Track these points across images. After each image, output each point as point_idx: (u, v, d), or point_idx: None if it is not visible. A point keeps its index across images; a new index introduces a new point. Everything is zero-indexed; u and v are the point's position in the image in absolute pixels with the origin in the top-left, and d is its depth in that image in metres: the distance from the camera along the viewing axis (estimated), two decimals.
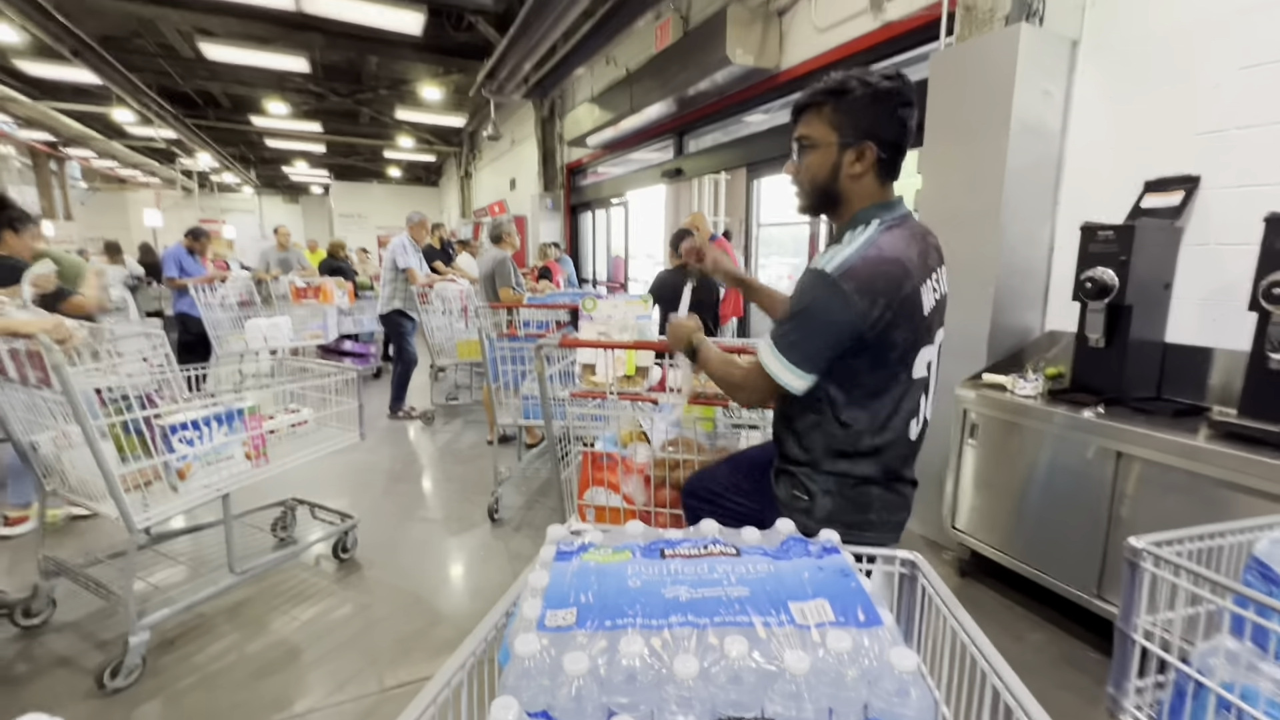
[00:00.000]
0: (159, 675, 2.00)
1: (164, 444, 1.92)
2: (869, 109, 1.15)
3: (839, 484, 1.27)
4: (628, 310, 1.98)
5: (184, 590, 2.29)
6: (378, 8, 5.43)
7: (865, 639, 0.65)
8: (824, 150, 1.19)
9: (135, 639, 1.94)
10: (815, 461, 1.27)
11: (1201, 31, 2.26)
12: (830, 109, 1.16)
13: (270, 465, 2.24)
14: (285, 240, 7.39)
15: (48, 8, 5.57)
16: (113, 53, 7.23)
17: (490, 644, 0.75)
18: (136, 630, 1.94)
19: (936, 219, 2.90)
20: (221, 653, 2.13)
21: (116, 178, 16.22)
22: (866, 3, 3.73)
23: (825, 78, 1.19)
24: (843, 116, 1.16)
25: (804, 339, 1.15)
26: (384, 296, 5.02)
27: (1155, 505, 1.96)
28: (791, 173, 1.25)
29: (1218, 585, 0.92)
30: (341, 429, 2.57)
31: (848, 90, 1.14)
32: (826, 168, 1.20)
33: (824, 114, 1.17)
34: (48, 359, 1.68)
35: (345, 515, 2.79)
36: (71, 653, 2.12)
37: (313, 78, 9.22)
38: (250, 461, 2.16)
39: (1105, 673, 1.10)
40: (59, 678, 2.00)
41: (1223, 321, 2.25)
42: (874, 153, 1.17)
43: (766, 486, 1.39)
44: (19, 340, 1.78)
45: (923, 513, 2.90)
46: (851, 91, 1.14)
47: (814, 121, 1.18)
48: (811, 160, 1.20)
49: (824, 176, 1.21)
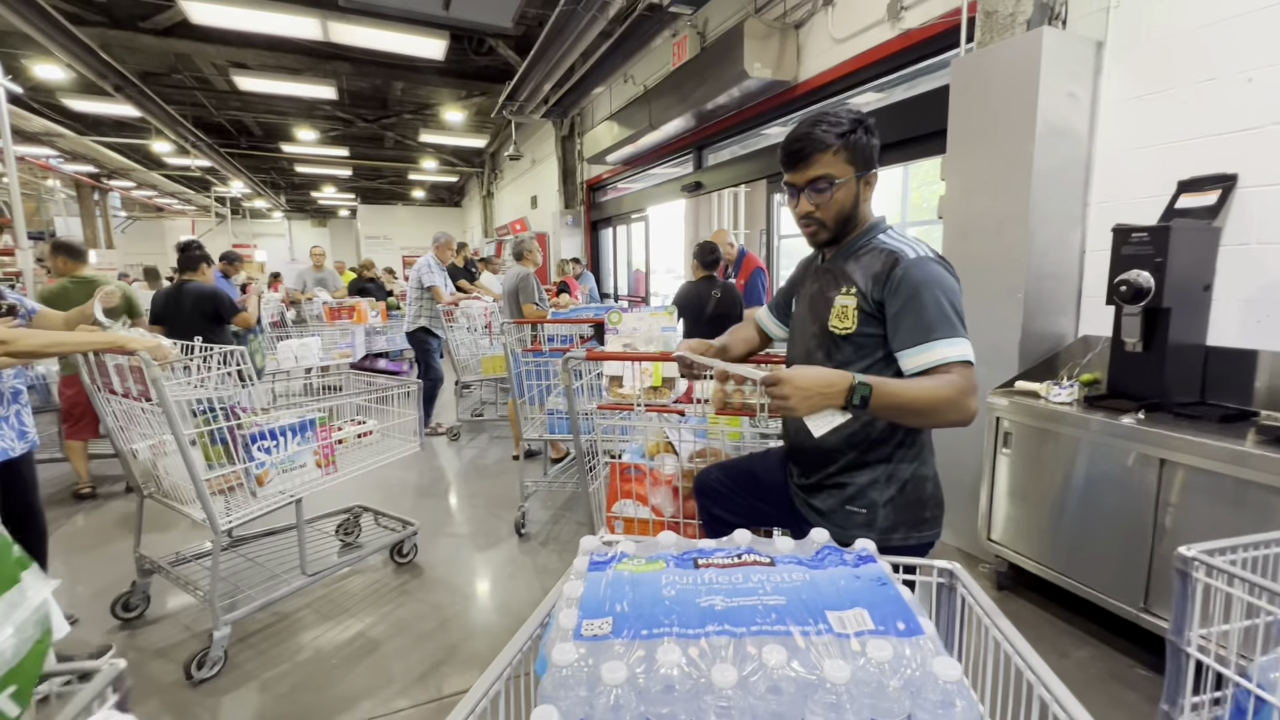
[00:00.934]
0: (239, 669, 2.16)
1: (245, 452, 2.10)
2: (868, 141, 1.26)
3: (902, 487, 1.29)
4: (653, 323, 1.99)
5: (261, 589, 2.40)
6: (402, 35, 5.59)
7: (906, 648, 0.63)
8: (847, 185, 1.27)
9: (219, 633, 2.10)
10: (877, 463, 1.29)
11: (1230, 27, 2.21)
12: (842, 147, 1.24)
13: (338, 473, 2.40)
14: (321, 261, 7.59)
15: (93, 46, 5.85)
16: (152, 87, 7.56)
17: (526, 655, 0.75)
18: (220, 625, 2.10)
19: (962, 224, 2.86)
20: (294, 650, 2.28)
21: (154, 206, 16.85)
22: (884, 12, 3.74)
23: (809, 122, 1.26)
24: (854, 152, 1.25)
25: (959, 312, 1.19)
26: (410, 315, 5.11)
27: (1202, 514, 1.88)
28: (809, 210, 1.29)
29: (1276, 595, 0.88)
30: (403, 440, 2.71)
31: (852, 129, 1.24)
32: (851, 199, 1.29)
33: (839, 153, 1.24)
34: (147, 373, 1.86)
35: (406, 522, 2.96)
36: (164, 644, 2.33)
37: (340, 104, 9.52)
38: (320, 469, 2.33)
39: (1156, 690, 1.06)
40: (154, 667, 2.18)
41: (1269, 323, 2.18)
42: (876, 177, 1.31)
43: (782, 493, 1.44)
44: (123, 356, 1.97)
45: (957, 524, 2.83)
46: (854, 129, 1.24)
47: (831, 162, 1.25)
48: (839, 195, 1.27)
49: (849, 207, 1.29)
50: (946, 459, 2.89)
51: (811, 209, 1.28)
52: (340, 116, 10.40)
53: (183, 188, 14.63)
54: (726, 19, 5.27)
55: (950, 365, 1.14)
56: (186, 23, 5.60)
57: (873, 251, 1.29)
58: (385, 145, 12.71)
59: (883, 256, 1.25)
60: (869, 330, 1.25)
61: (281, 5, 5.11)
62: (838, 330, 1.29)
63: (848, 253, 1.33)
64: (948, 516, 1.35)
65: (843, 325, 1.28)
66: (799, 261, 1.58)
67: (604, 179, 9.04)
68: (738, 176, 5.86)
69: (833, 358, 1.31)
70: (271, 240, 20.14)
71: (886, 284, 1.22)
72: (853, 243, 1.33)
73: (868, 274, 1.26)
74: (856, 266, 1.29)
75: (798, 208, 1.31)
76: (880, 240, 1.30)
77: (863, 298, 1.25)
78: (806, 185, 1.27)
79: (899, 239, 1.28)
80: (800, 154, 1.25)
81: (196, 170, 12.73)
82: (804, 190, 1.28)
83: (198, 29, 5.89)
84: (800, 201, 1.29)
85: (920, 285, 1.18)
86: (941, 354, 1.14)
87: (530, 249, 4.62)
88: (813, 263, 1.48)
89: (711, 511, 1.58)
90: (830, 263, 1.37)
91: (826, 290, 1.35)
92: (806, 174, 1.26)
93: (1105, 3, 2.57)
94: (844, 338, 1.28)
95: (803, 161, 1.26)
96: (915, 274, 1.19)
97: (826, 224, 1.30)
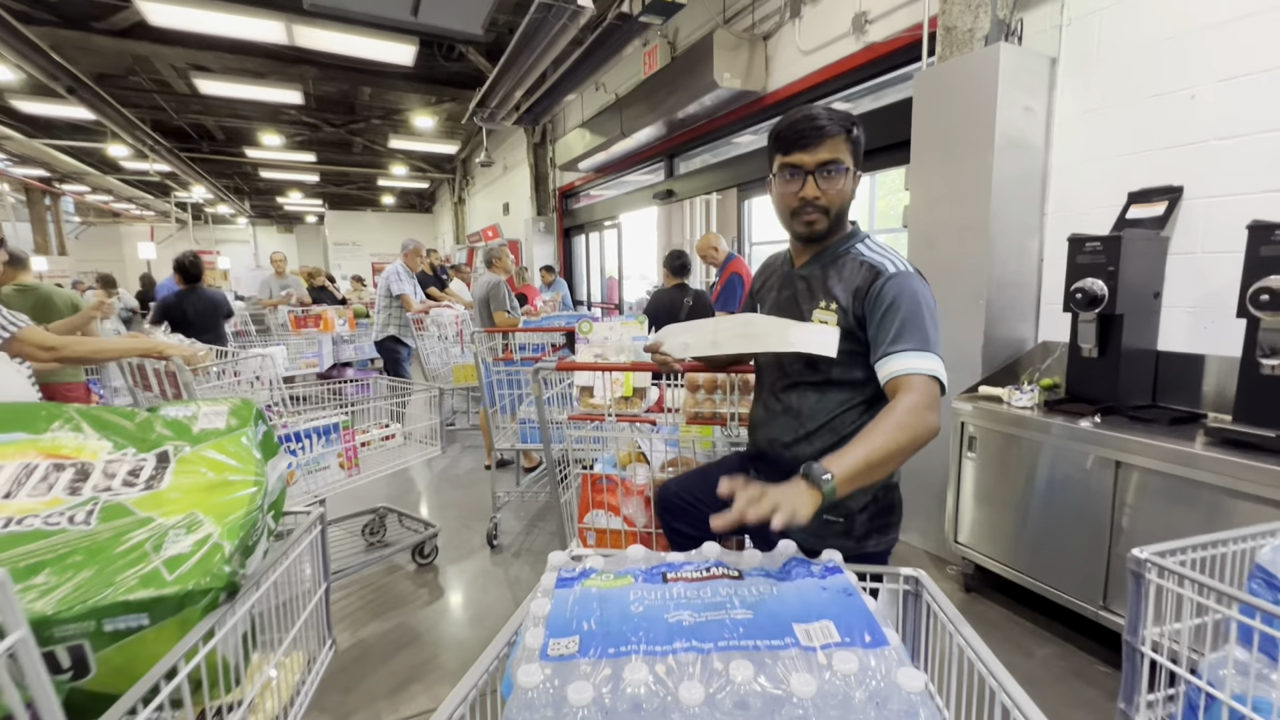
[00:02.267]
0: None
1: None
2: (861, 139, 1.24)
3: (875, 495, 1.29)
4: (624, 332, 1.99)
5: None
6: (370, 40, 5.50)
7: (872, 659, 0.64)
8: (849, 175, 1.24)
9: None
10: None
11: (1177, 46, 2.32)
12: (847, 137, 1.21)
13: (361, 474, 2.46)
14: (282, 267, 7.40)
15: (43, 47, 5.64)
16: (108, 89, 7.31)
17: (493, 674, 0.74)
18: None
19: (926, 233, 2.93)
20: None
21: (110, 211, 16.28)
22: (849, 25, 3.82)
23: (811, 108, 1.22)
24: (854, 145, 1.23)
25: (936, 331, 1.18)
26: (379, 323, 5.02)
27: (1156, 514, 1.95)
28: (816, 196, 1.22)
29: (1223, 595, 0.92)
30: (423, 443, 2.75)
31: (853, 124, 1.22)
32: (851, 190, 1.26)
33: (847, 141, 1.22)
34: (180, 377, 2.01)
35: (428, 524, 3.06)
36: None
37: (306, 109, 9.33)
38: (344, 471, 2.40)
39: (1116, 686, 1.08)
40: None
41: (1214, 329, 2.27)
42: (860, 177, 1.28)
43: None
44: (160, 361, 2.11)
45: (925, 527, 2.88)
46: (855, 125, 1.23)
47: (842, 147, 1.21)
48: (845, 183, 1.24)
49: (849, 198, 1.27)
50: (914, 463, 2.94)
51: (818, 194, 1.22)
52: (306, 121, 10.19)
53: (141, 192, 14.16)
54: (696, 29, 5.33)
55: (915, 378, 1.12)
56: (144, 24, 5.43)
57: (852, 263, 1.26)
58: (353, 150, 12.50)
59: (863, 270, 1.23)
60: (846, 347, 1.22)
61: (244, 8, 5.00)
62: None
63: (824, 260, 1.29)
64: (916, 521, 1.38)
65: None
66: (759, 267, 1.53)
67: (576, 186, 9.03)
68: (709, 184, 5.91)
69: (806, 371, 1.29)
70: (236, 247, 19.61)
71: (867, 297, 1.20)
72: (831, 249, 1.30)
73: (848, 289, 1.23)
74: (836, 279, 1.26)
75: (801, 191, 1.22)
76: (859, 251, 1.27)
77: (843, 314, 1.23)
78: (817, 167, 1.20)
79: (878, 251, 1.27)
80: (813, 134, 1.18)
81: (155, 175, 12.34)
82: (813, 173, 1.21)
83: (156, 30, 5.71)
84: (807, 185, 1.21)
85: (899, 298, 1.18)
86: (907, 365, 1.13)
87: (500, 256, 4.58)
88: (779, 267, 1.43)
89: (673, 526, 1.55)
90: (804, 269, 1.32)
91: (801, 300, 1.31)
92: (818, 155, 1.19)
93: (1058, 20, 2.67)
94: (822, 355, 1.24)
95: (816, 142, 1.19)
96: (894, 288, 1.18)
97: (829, 212, 1.24)
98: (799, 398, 1.31)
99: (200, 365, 2.13)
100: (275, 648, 0.95)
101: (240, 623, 0.84)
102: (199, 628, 0.76)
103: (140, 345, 2.08)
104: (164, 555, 0.79)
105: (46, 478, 0.85)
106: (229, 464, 0.95)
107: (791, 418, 1.32)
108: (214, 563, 0.80)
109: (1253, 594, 0.99)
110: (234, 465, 0.95)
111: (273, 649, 0.95)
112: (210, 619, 0.78)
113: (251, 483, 0.93)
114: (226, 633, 0.80)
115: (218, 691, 0.80)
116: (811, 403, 1.29)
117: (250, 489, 0.92)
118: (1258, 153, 2.13)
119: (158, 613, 0.75)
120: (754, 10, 4.72)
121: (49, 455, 0.88)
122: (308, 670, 1.04)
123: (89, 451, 0.90)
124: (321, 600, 1.13)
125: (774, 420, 1.36)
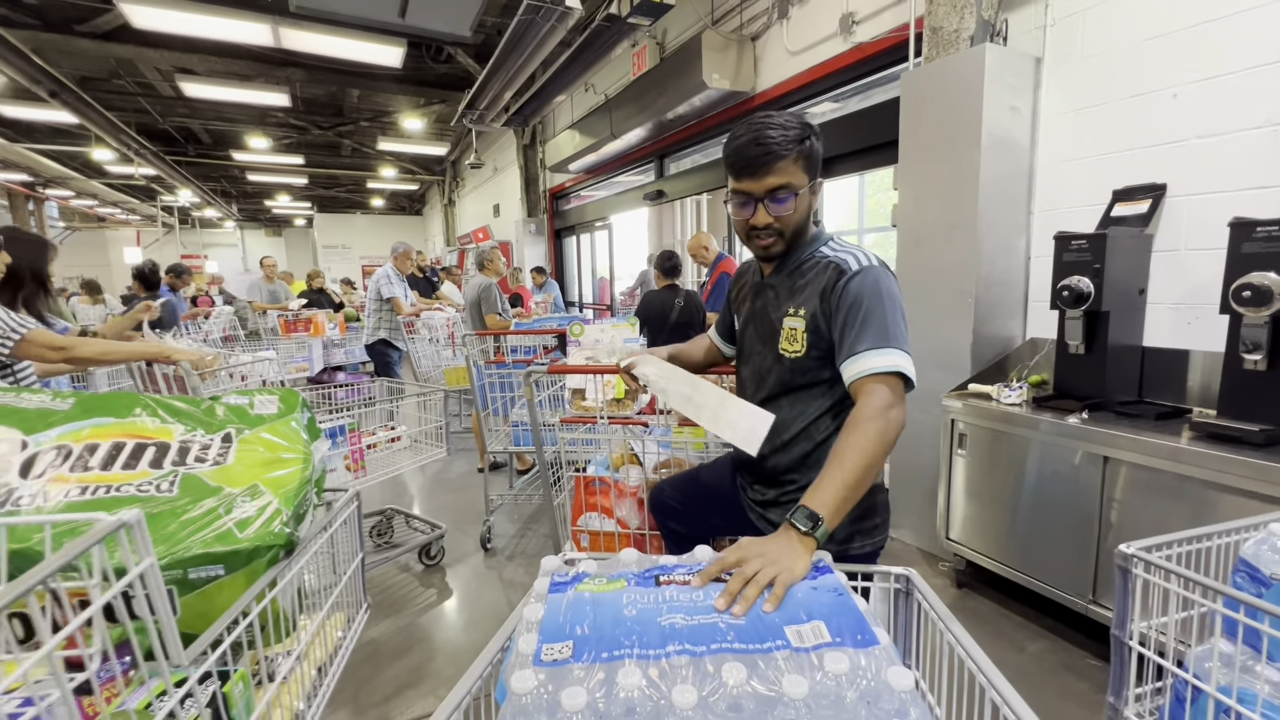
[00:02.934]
0: None
1: None
2: (818, 148, 1.23)
3: None
4: (615, 334, 1.99)
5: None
6: (357, 42, 5.47)
7: (863, 659, 0.64)
8: (804, 194, 1.22)
9: None
10: None
11: (1159, 46, 2.34)
12: (798, 155, 1.19)
13: (368, 476, 2.47)
14: (271, 273, 7.36)
15: (25, 50, 5.58)
16: (91, 93, 7.23)
17: (487, 680, 0.74)
18: None
19: (915, 232, 2.95)
20: None
21: (95, 216, 16.09)
22: (837, 26, 3.84)
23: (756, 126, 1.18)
24: (808, 160, 1.21)
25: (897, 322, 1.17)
26: (369, 327, 5.00)
27: (1144, 508, 1.98)
28: (769, 223, 1.22)
29: (1208, 588, 0.93)
30: (430, 445, 2.76)
31: (805, 136, 1.19)
32: (806, 208, 1.25)
33: (797, 161, 1.19)
34: (188, 382, 2.06)
35: (434, 524, 3.06)
36: None
37: (294, 111, 9.28)
38: (350, 473, 2.42)
39: (1106, 679, 1.10)
40: None
41: (1197, 325, 2.30)
42: (822, 184, 1.27)
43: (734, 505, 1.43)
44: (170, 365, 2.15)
45: (916, 524, 2.90)
46: (808, 135, 1.20)
47: (790, 170, 1.19)
48: (799, 204, 1.22)
49: (805, 216, 1.26)
50: (905, 461, 2.99)
51: (770, 220, 1.21)
52: (294, 124, 10.13)
53: (126, 197, 14.00)
54: (684, 30, 5.34)
55: (876, 378, 1.11)
56: (128, 27, 5.37)
57: (817, 266, 1.26)
58: (342, 153, 12.43)
59: (828, 271, 1.22)
60: (818, 353, 1.23)
61: (230, 10, 4.96)
62: (788, 354, 1.26)
63: (790, 267, 1.30)
64: (908, 518, 1.38)
65: (793, 349, 1.26)
66: (735, 274, 1.53)
67: (567, 187, 9.02)
68: (699, 185, 5.92)
69: (783, 380, 1.29)
70: (223, 250, 19.47)
71: (832, 296, 1.20)
72: (795, 256, 1.29)
73: (814, 291, 1.23)
74: (802, 284, 1.26)
75: (753, 218, 1.22)
76: (823, 253, 1.27)
77: (812, 318, 1.23)
78: (766, 194, 1.20)
79: (841, 249, 1.26)
80: (759, 161, 1.16)
81: (141, 179, 12.21)
82: (762, 200, 1.20)
83: (140, 33, 5.65)
84: (758, 212, 1.21)
85: (861, 295, 1.17)
86: (869, 365, 1.12)
87: (491, 258, 4.57)
88: (750, 277, 1.44)
89: (669, 526, 1.57)
90: (772, 278, 1.33)
91: (770, 310, 1.32)
92: (765, 183, 1.18)
93: (1042, 21, 2.69)
94: (795, 360, 1.26)
95: (763, 169, 1.17)
96: (856, 285, 1.18)
97: (785, 235, 1.24)
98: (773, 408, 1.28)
99: (207, 369, 2.16)
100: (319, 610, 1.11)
101: (295, 577, 0.99)
102: (264, 578, 0.90)
103: (149, 350, 2.13)
104: (234, 518, 0.93)
105: (135, 454, 1.01)
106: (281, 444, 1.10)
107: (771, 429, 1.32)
108: (275, 524, 0.95)
109: (1236, 587, 1.00)
110: (285, 445, 1.11)
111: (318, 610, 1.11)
112: (272, 572, 0.92)
113: (300, 460, 1.09)
114: (285, 584, 0.94)
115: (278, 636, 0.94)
116: (785, 412, 1.28)
117: (300, 465, 1.08)
118: (1238, 150, 2.16)
119: (231, 564, 0.90)
120: (742, 11, 4.74)
121: (134, 436, 1.04)
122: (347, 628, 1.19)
123: (166, 433, 1.06)
124: (358, 568, 1.26)
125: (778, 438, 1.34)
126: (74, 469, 0.96)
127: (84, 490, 0.93)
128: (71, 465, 0.96)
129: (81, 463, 0.97)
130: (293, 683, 0.97)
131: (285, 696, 0.96)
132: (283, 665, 0.95)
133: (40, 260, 2.59)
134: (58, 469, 0.95)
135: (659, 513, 1.58)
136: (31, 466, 0.94)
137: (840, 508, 0.98)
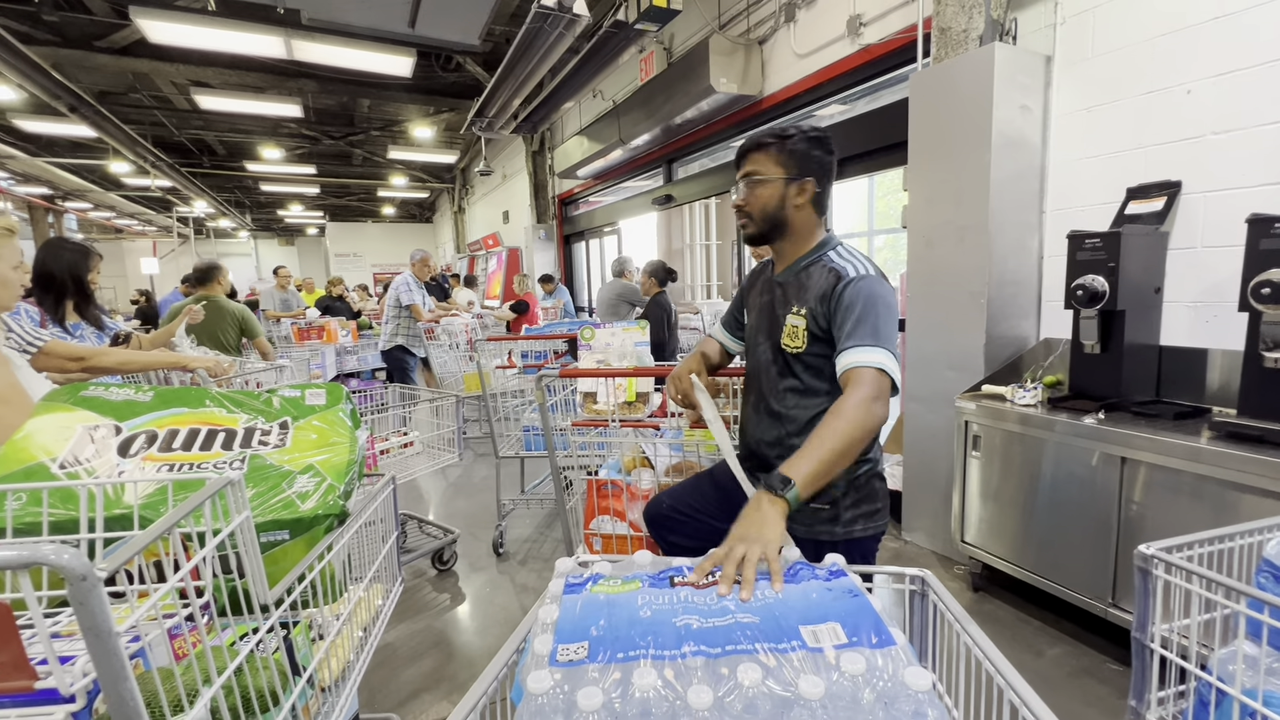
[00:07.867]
0: None
1: None
2: (807, 150, 1.36)
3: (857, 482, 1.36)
4: (625, 338, 2.00)
5: None
6: (368, 53, 5.54)
7: (879, 659, 0.64)
8: (773, 184, 1.37)
9: None
10: None
11: (1171, 41, 2.32)
12: (776, 149, 1.35)
13: None
14: (285, 282, 7.45)
15: (45, 66, 5.70)
16: (109, 107, 7.37)
17: (502, 681, 0.74)
18: None
19: (925, 233, 2.94)
20: None
21: (113, 227, 16.38)
22: (844, 28, 3.84)
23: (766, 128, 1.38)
24: (787, 156, 1.36)
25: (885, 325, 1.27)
26: (386, 333, 5.05)
27: (1163, 509, 1.95)
28: (740, 203, 1.41)
29: (1231, 590, 0.91)
30: (443, 450, 2.78)
31: (790, 135, 1.35)
32: (775, 199, 1.38)
33: (771, 154, 1.36)
34: None
35: (448, 530, 3.06)
36: None
37: (306, 122, 9.39)
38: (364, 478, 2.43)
39: (1127, 684, 1.08)
40: None
41: (1215, 323, 2.27)
42: (813, 187, 1.38)
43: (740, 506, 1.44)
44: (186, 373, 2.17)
45: (931, 527, 2.88)
46: (793, 136, 1.35)
47: (762, 160, 1.37)
48: (762, 192, 1.38)
49: (773, 206, 1.39)
50: (919, 463, 2.96)
51: (742, 202, 1.41)
52: (306, 134, 10.26)
53: (143, 208, 14.26)
54: (692, 35, 5.36)
55: (863, 370, 1.20)
56: (144, 41, 5.48)
57: (821, 270, 1.36)
58: (353, 162, 12.57)
59: (829, 276, 1.33)
60: (817, 350, 1.34)
61: (243, 24, 5.04)
62: (789, 349, 1.37)
63: (798, 268, 1.41)
64: (923, 520, 1.40)
65: (794, 344, 1.36)
66: (750, 272, 1.65)
67: (576, 193, 9.06)
68: (707, 189, 5.93)
69: (785, 374, 1.40)
70: (238, 260, 19.70)
71: (831, 299, 1.30)
72: (803, 259, 1.42)
73: (816, 294, 1.34)
74: (807, 285, 1.37)
75: (734, 199, 1.44)
76: (829, 258, 1.38)
77: (812, 318, 1.33)
78: (742, 179, 1.40)
79: (844, 257, 1.37)
80: (741, 150, 1.40)
81: (157, 190, 12.41)
82: (738, 184, 1.41)
83: (156, 48, 5.76)
84: (737, 194, 1.42)
85: (856, 299, 1.27)
86: (856, 358, 1.21)
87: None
88: (763, 273, 1.56)
89: (668, 540, 1.55)
90: (781, 276, 1.45)
91: (776, 306, 1.43)
92: (743, 168, 1.40)
93: (1052, 19, 2.68)
94: (795, 356, 1.37)
95: (742, 156, 1.40)
96: (852, 291, 1.28)
97: (753, 217, 1.40)
98: (780, 401, 1.42)
99: (224, 377, 2.20)
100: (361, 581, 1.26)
101: (346, 545, 1.13)
102: (321, 543, 1.03)
103: (167, 359, 2.18)
104: (295, 491, 1.08)
105: (209, 438, 1.17)
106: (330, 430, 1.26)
107: (775, 421, 1.42)
108: (330, 497, 1.10)
109: (1260, 588, 0.98)
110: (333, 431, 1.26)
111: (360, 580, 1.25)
112: (329, 538, 1.05)
113: (347, 444, 1.24)
114: (338, 550, 1.08)
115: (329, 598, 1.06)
116: (791, 406, 1.39)
117: (347, 448, 1.23)
118: (1255, 146, 2.13)
119: (295, 530, 1.04)
120: (749, 15, 4.75)
121: (206, 423, 1.20)
122: (385, 598, 1.35)
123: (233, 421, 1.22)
124: (394, 545, 1.40)
125: (761, 423, 1.47)
126: (161, 450, 1.12)
127: (171, 467, 1.10)
128: (159, 447, 1.13)
129: (166, 444, 1.14)
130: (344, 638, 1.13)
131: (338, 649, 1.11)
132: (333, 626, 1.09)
133: (81, 267, 2.65)
134: (148, 450, 1.11)
135: (657, 528, 1.55)
136: (129, 448, 1.11)
137: (812, 479, 1.06)
